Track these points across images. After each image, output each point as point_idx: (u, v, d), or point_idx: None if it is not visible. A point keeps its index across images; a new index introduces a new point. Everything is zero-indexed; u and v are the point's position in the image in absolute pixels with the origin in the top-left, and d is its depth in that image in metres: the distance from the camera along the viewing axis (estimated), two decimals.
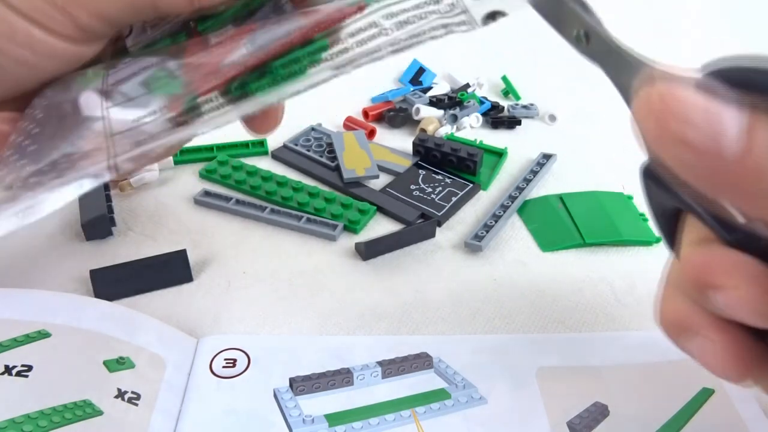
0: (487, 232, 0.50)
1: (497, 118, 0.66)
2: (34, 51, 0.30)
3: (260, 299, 0.44)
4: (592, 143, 0.64)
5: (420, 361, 0.39)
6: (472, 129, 0.65)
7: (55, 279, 0.45)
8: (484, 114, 0.66)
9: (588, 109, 0.70)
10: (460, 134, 0.63)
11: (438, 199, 0.53)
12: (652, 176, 0.25)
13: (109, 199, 0.51)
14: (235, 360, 0.39)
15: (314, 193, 0.54)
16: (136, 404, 0.34)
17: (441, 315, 0.44)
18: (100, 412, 0.33)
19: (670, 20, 0.79)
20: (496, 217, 0.52)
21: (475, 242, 0.49)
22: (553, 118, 0.67)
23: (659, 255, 0.49)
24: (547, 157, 0.60)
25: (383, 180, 0.57)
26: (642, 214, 0.52)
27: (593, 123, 0.67)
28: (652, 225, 0.51)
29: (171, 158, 0.57)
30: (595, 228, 0.50)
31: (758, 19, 0.78)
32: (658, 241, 0.50)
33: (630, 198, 0.54)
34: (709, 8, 0.79)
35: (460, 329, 0.43)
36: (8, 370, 0.34)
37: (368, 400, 0.37)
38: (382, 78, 0.74)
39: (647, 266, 0.49)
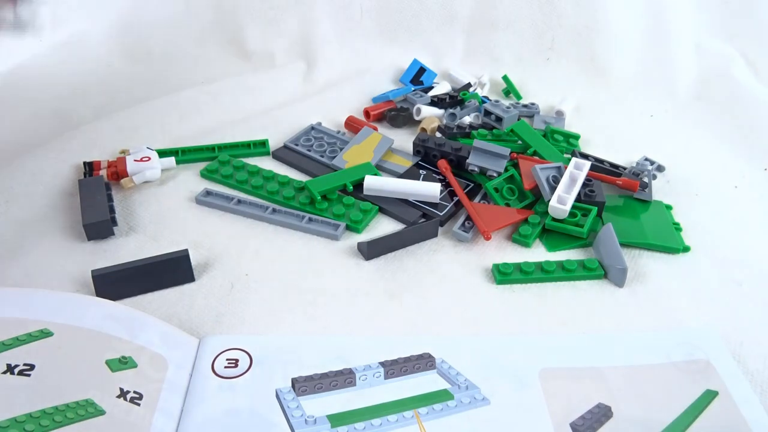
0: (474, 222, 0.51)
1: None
2: None
3: (262, 299, 0.44)
4: (595, 139, 0.64)
5: (422, 362, 0.39)
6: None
7: (57, 279, 0.45)
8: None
9: (590, 105, 0.70)
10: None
11: (440, 199, 0.53)
12: None
13: (110, 199, 0.51)
14: (237, 360, 0.39)
15: None
16: (138, 404, 0.34)
17: (443, 315, 0.44)
18: (102, 412, 0.33)
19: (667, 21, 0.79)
20: None
21: (462, 232, 0.50)
22: (560, 113, 0.67)
23: (675, 262, 0.49)
24: None
25: None
26: (676, 223, 0.53)
27: (595, 120, 0.67)
28: (684, 236, 0.51)
29: (173, 158, 0.56)
30: (620, 229, 0.50)
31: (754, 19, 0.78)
32: (686, 249, 0.50)
33: (669, 207, 0.55)
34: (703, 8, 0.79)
35: (463, 330, 0.43)
36: (10, 369, 0.34)
37: (371, 400, 0.37)
38: (383, 78, 0.74)
39: (653, 270, 0.49)
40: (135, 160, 0.55)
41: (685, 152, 0.64)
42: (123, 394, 0.34)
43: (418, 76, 0.73)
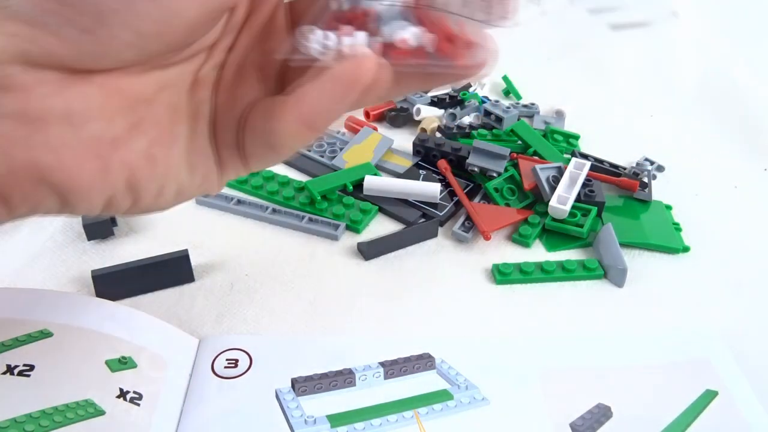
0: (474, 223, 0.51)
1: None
2: None
3: (262, 299, 0.44)
4: (595, 139, 0.64)
5: (422, 362, 0.39)
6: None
7: (56, 279, 0.45)
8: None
9: (589, 105, 0.70)
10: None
11: (439, 199, 0.53)
12: None
13: None
14: (236, 360, 0.39)
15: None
16: (138, 404, 0.34)
17: (443, 315, 0.44)
18: (102, 412, 0.33)
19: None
20: None
21: (462, 232, 0.50)
22: (560, 113, 0.67)
23: (675, 262, 0.49)
24: None
25: None
26: (676, 223, 0.53)
27: (595, 120, 0.68)
28: (684, 236, 0.51)
29: None
30: (620, 229, 0.50)
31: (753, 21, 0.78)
32: (686, 249, 0.50)
33: (669, 207, 0.55)
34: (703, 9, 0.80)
35: (463, 330, 0.43)
36: (10, 369, 0.34)
37: (370, 400, 0.37)
38: None
39: (653, 270, 0.49)
40: None
41: (685, 152, 0.64)
42: (123, 394, 0.34)
43: None
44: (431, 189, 0.53)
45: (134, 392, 0.35)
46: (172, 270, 0.44)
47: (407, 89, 0.31)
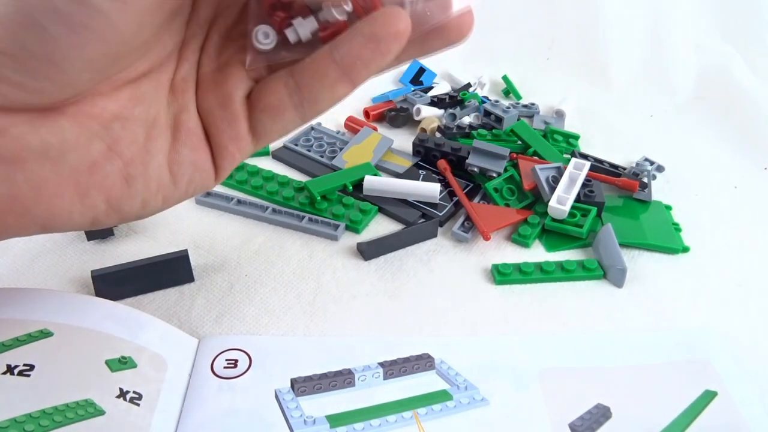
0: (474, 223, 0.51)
1: None
2: None
3: (262, 299, 0.44)
4: (595, 139, 0.64)
5: (421, 362, 0.39)
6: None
7: (56, 279, 0.45)
8: None
9: (589, 105, 0.70)
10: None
11: (439, 200, 0.53)
12: None
13: None
14: (236, 360, 0.39)
15: None
16: (138, 404, 0.34)
17: (443, 315, 0.44)
18: (101, 412, 0.33)
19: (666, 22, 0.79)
20: None
21: (462, 233, 0.50)
22: (560, 113, 0.67)
23: (675, 262, 0.49)
24: None
25: None
26: (676, 224, 0.53)
27: (595, 120, 0.68)
28: (684, 236, 0.51)
29: None
30: (619, 229, 0.50)
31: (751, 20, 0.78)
32: (686, 250, 0.50)
33: (669, 207, 0.55)
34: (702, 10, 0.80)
35: (462, 330, 0.43)
36: (10, 369, 0.34)
37: (370, 401, 0.37)
38: (382, 78, 0.74)
39: (653, 270, 0.49)
40: None
41: (685, 152, 0.64)
42: (123, 394, 0.34)
43: (417, 76, 0.73)
44: (431, 189, 0.53)
45: (134, 392, 0.35)
46: (172, 270, 0.44)
47: (406, 56, 0.31)
